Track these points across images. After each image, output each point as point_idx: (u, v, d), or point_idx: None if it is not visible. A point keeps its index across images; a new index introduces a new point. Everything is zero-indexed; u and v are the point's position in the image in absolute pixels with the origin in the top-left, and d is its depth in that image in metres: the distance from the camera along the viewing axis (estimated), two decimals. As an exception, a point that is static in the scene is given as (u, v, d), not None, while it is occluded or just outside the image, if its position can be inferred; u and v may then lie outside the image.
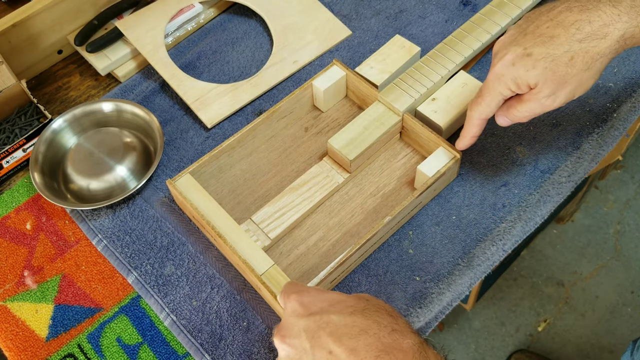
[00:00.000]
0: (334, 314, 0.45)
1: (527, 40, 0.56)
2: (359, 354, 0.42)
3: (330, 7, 0.89)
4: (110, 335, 0.67)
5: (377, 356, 0.42)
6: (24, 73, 0.85)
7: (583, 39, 0.53)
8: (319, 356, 0.43)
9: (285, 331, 0.46)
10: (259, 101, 0.81)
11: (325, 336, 0.44)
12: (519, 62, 0.55)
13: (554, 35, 0.54)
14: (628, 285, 1.54)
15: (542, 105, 0.58)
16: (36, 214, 0.75)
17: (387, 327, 0.44)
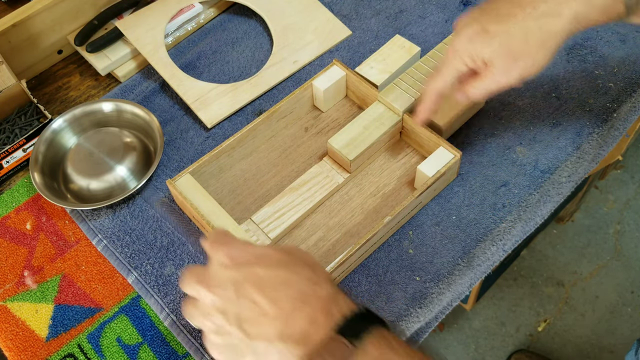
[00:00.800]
0: (259, 266, 0.48)
1: (485, 18, 0.58)
2: (279, 302, 0.46)
3: (330, 7, 0.89)
4: (110, 335, 0.67)
5: (295, 304, 0.46)
6: (24, 73, 0.85)
7: (538, 17, 0.55)
8: (243, 305, 0.46)
9: (211, 280, 0.48)
10: (259, 101, 0.81)
11: (249, 287, 0.46)
12: (476, 38, 0.58)
13: (510, 13, 0.56)
14: (628, 285, 1.54)
15: (496, 82, 0.59)
16: (36, 214, 0.75)
17: (306, 278, 0.47)
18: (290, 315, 0.45)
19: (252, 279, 0.47)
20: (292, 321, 0.45)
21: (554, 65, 0.80)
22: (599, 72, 0.79)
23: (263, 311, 0.46)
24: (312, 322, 0.45)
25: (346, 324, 0.45)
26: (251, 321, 0.46)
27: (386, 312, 0.65)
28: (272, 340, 0.45)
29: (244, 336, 0.46)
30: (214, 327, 0.48)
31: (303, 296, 0.46)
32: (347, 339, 0.44)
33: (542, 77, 0.80)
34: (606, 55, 0.81)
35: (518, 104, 0.78)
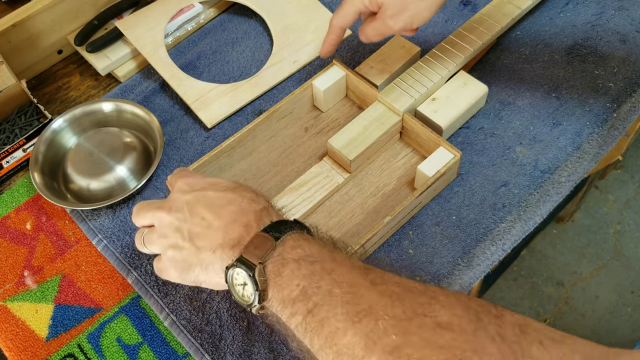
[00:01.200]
0: (210, 190, 0.55)
1: None
2: (222, 216, 0.53)
3: (330, 7, 0.89)
4: (110, 335, 0.67)
5: (235, 217, 0.53)
6: (24, 73, 0.85)
7: None
8: (194, 222, 0.54)
9: (171, 204, 0.56)
10: (259, 101, 0.81)
11: (200, 207, 0.54)
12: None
13: None
14: (628, 285, 1.54)
15: (386, 26, 0.67)
16: (36, 214, 0.75)
17: (249, 199, 0.54)
18: (229, 225, 0.52)
19: (204, 201, 0.54)
20: (230, 230, 0.52)
21: (554, 65, 0.81)
22: (599, 72, 0.79)
23: (209, 225, 0.53)
24: (246, 227, 0.52)
25: (272, 225, 0.51)
26: (200, 235, 0.53)
27: (386, 312, 0.65)
28: (215, 249, 0.52)
29: (195, 249, 0.53)
30: (171, 243, 0.55)
31: (242, 210, 0.53)
32: (269, 234, 0.50)
33: (542, 77, 0.80)
34: (606, 55, 0.81)
35: (518, 104, 0.78)
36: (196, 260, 0.53)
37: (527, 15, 0.85)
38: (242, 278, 0.50)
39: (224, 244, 0.52)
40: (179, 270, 0.55)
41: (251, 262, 0.49)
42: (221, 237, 0.52)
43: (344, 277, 0.46)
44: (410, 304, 0.43)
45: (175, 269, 0.55)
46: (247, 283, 0.49)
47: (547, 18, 0.85)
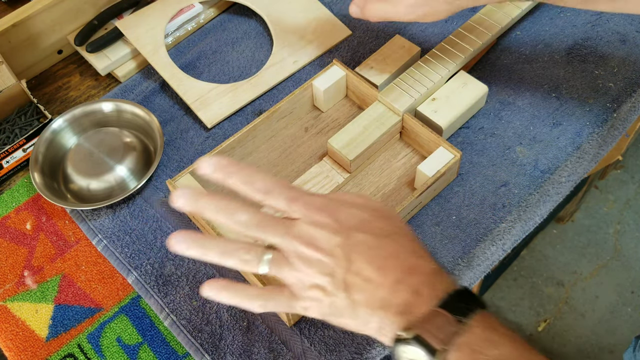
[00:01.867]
0: (365, 233, 0.48)
1: None
2: (385, 274, 0.46)
3: (330, 7, 0.89)
4: (110, 335, 0.67)
5: (400, 276, 0.47)
6: (24, 73, 0.85)
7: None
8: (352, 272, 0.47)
9: (319, 242, 0.47)
10: (259, 101, 0.81)
11: (357, 254, 0.47)
12: None
13: None
14: (628, 285, 1.54)
15: (397, 12, 0.64)
16: (36, 214, 0.75)
17: (412, 252, 0.48)
18: (394, 286, 0.46)
19: (360, 247, 0.47)
20: (396, 291, 0.46)
21: (554, 65, 0.81)
22: (599, 72, 0.79)
23: (369, 279, 0.47)
24: (416, 293, 0.46)
25: (449, 300, 0.46)
26: (357, 288, 0.47)
27: (386, 312, 0.65)
28: (374, 308, 0.47)
29: (350, 302, 0.47)
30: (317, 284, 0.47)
31: (409, 269, 0.47)
32: (452, 315, 0.44)
33: (542, 77, 0.80)
34: (606, 55, 0.81)
35: (518, 104, 0.78)
36: (349, 312, 0.47)
37: (527, 15, 0.85)
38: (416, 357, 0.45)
39: (386, 306, 0.46)
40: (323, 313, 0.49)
41: (432, 345, 0.44)
42: (384, 297, 0.46)
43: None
44: None
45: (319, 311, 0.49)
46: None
47: (547, 18, 0.85)
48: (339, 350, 0.63)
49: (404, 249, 0.48)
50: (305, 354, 0.63)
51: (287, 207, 0.49)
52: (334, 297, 0.47)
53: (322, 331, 0.64)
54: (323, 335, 0.64)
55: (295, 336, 0.64)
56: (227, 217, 0.48)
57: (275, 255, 0.49)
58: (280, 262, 0.48)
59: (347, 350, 0.63)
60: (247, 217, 0.48)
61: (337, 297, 0.47)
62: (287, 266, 0.48)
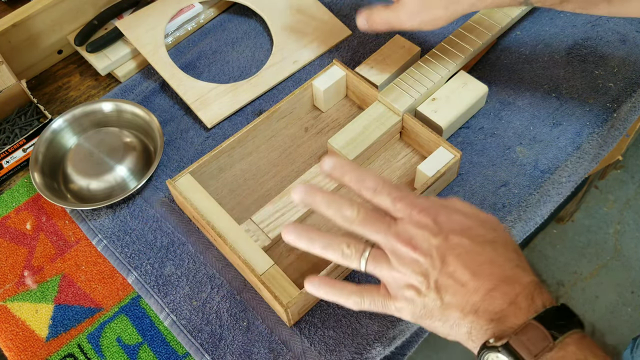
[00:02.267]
0: (464, 238, 0.48)
1: None
2: (481, 279, 0.46)
3: (330, 7, 0.89)
4: (110, 335, 0.67)
5: (497, 284, 0.46)
6: (24, 73, 0.85)
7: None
8: (445, 274, 0.47)
9: (417, 241, 0.48)
10: (259, 101, 0.81)
11: (453, 257, 0.47)
12: None
13: None
14: (628, 285, 1.54)
15: (399, 20, 0.66)
16: (36, 214, 0.75)
17: (512, 261, 0.48)
18: (490, 293, 0.46)
19: (457, 251, 0.48)
20: (491, 298, 0.46)
21: (554, 65, 0.81)
22: (599, 72, 0.79)
23: (463, 282, 0.47)
24: (512, 303, 0.46)
25: (546, 314, 0.45)
26: (450, 290, 0.47)
27: (386, 312, 0.65)
28: (466, 312, 0.47)
29: (441, 303, 0.47)
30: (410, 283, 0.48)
31: (507, 278, 0.47)
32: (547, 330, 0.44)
33: (542, 77, 0.80)
34: (606, 55, 0.81)
35: (518, 104, 0.78)
36: (439, 314, 0.48)
37: (527, 15, 0.85)
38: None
39: (480, 312, 0.46)
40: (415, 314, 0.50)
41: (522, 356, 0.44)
42: (477, 303, 0.46)
43: None
44: None
45: (411, 311, 0.49)
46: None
47: (547, 18, 0.85)
48: (339, 350, 0.63)
49: (503, 258, 0.48)
50: (305, 354, 0.63)
51: (391, 205, 0.50)
52: (426, 298, 0.48)
53: (322, 331, 0.64)
54: (323, 335, 0.64)
55: (295, 336, 0.64)
56: (335, 212, 0.50)
57: (374, 252, 0.50)
58: (379, 260, 0.50)
59: (347, 350, 0.63)
60: (352, 213, 0.50)
61: (429, 298, 0.48)
62: (385, 264, 0.49)
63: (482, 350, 0.46)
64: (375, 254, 0.50)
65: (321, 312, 0.65)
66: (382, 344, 0.63)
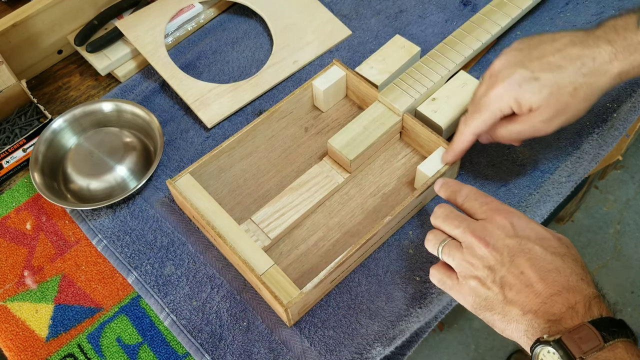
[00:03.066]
0: (538, 245, 0.52)
1: (535, 65, 0.59)
2: (546, 284, 0.50)
3: (330, 7, 0.89)
4: (110, 335, 0.67)
5: (560, 290, 0.49)
6: (24, 73, 0.85)
7: (586, 74, 0.58)
8: (512, 272, 0.51)
9: (490, 239, 0.53)
10: (259, 101, 0.81)
11: (523, 259, 0.51)
12: (526, 84, 0.59)
13: (561, 65, 0.58)
14: (628, 285, 1.54)
15: (534, 129, 0.61)
16: (36, 214, 0.75)
17: (577, 275, 0.51)
18: (552, 297, 0.49)
19: (529, 255, 0.51)
20: (552, 302, 0.49)
21: (554, 65, 0.80)
22: (599, 72, 0.79)
23: (529, 283, 0.50)
24: (571, 309, 0.48)
25: (601, 321, 0.47)
26: (514, 288, 0.51)
27: (386, 312, 0.65)
28: (526, 311, 0.50)
29: (503, 298, 0.51)
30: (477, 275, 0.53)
31: (570, 287, 0.50)
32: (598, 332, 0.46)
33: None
34: (606, 55, 0.81)
35: (518, 104, 0.78)
36: (500, 308, 0.52)
37: (527, 15, 0.85)
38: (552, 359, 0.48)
39: (539, 313, 0.50)
40: (476, 304, 0.54)
41: (572, 352, 0.46)
42: (538, 304, 0.50)
43: None
44: None
45: (473, 301, 0.54)
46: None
47: (547, 18, 0.85)
48: (339, 350, 0.63)
49: (570, 270, 0.51)
50: (305, 354, 0.63)
51: (478, 208, 0.56)
52: (489, 291, 0.52)
53: (322, 331, 0.64)
54: (323, 335, 0.64)
55: (295, 336, 0.64)
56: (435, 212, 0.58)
57: (450, 242, 0.56)
58: (453, 249, 0.55)
59: (347, 350, 0.63)
60: (441, 211, 0.57)
61: (492, 292, 0.52)
62: (458, 253, 0.54)
63: (535, 344, 0.48)
64: (451, 245, 0.55)
65: (321, 312, 0.65)
66: (382, 344, 0.63)
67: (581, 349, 0.46)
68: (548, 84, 0.58)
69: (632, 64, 0.58)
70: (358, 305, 0.65)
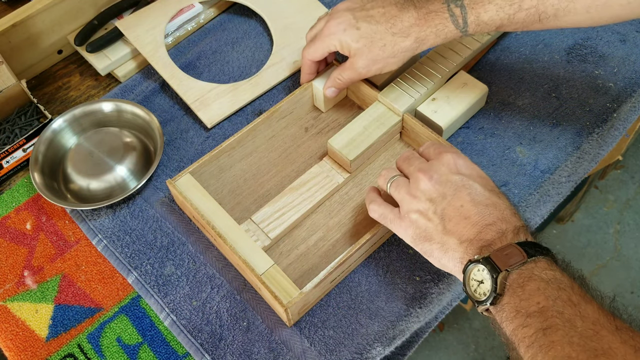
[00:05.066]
0: (477, 183, 0.57)
1: (361, 15, 0.68)
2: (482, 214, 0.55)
3: (330, 7, 0.89)
4: (110, 335, 0.67)
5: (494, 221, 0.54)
6: (24, 73, 0.85)
7: (395, 33, 0.66)
8: (453, 205, 0.56)
9: (433, 173, 0.58)
10: (259, 101, 0.81)
11: (464, 193, 0.56)
12: (349, 30, 0.68)
13: (378, 21, 0.67)
14: (628, 285, 1.54)
15: (359, 74, 0.70)
16: (36, 214, 0.75)
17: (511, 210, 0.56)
18: (487, 227, 0.54)
19: (469, 190, 0.56)
20: (486, 231, 0.54)
21: (554, 65, 0.81)
22: (599, 72, 0.79)
23: (467, 215, 0.55)
24: (502, 234, 0.53)
25: (528, 243, 0.52)
26: (453, 220, 0.56)
27: (386, 312, 0.65)
28: (463, 240, 0.55)
29: (442, 229, 0.56)
30: (419, 208, 0.58)
31: (504, 218, 0.55)
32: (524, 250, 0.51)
33: (542, 77, 0.80)
34: (606, 55, 0.81)
35: (518, 104, 0.78)
36: (438, 238, 0.56)
37: (527, 15, 0.85)
38: (481, 276, 0.52)
39: (474, 241, 0.54)
40: (416, 235, 0.58)
41: (498, 265, 0.51)
42: (474, 233, 0.54)
43: (588, 313, 0.47)
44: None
45: (413, 232, 0.58)
46: (484, 282, 0.52)
47: (547, 18, 0.85)
48: (339, 350, 0.63)
49: (504, 205, 0.56)
50: (305, 354, 0.63)
51: (432, 152, 0.61)
52: (429, 222, 0.57)
53: (322, 331, 0.64)
54: (323, 335, 0.64)
55: (295, 336, 0.64)
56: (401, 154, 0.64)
57: (399, 179, 0.61)
58: (400, 185, 0.60)
59: (347, 350, 0.63)
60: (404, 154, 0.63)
61: (432, 223, 0.57)
62: (404, 188, 0.59)
63: (467, 264, 0.53)
64: (399, 181, 0.61)
65: (321, 312, 0.65)
66: (382, 344, 0.63)
67: (507, 263, 0.51)
68: (365, 35, 0.67)
69: (426, 32, 0.65)
70: (358, 305, 0.65)
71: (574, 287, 0.49)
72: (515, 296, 0.50)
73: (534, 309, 0.48)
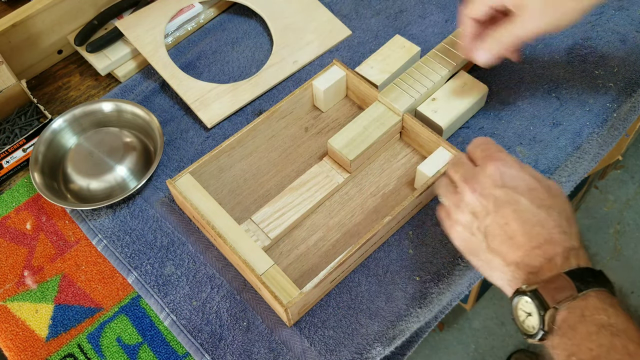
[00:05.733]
0: (524, 197, 0.53)
1: None
2: (528, 235, 0.52)
3: (330, 7, 0.89)
4: (110, 335, 0.67)
5: (542, 243, 0.51)
6: (24, 73, 0.85)
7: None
8: (497, 222, 0.53)
9: (478, 186, 0.55)
10: (259, 101, 0.81)
11: (509, 210, 0.53)
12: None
13: None
14: (628, 285, 1.54)
15: (525, 29, 0.61)
16: (36, 214, 0.75)
17: (560, 227, 0.52)
18: (533, 250, 0.51)
19: (514, 206, 0.53)
20: (533, 255, 0.51)
21: (554, 65, 0.81)
22: (599, 72, 0.79)
23: (512, 235, 0.52)
24: (550, 260, 0.50)
25: (578, 271, 0.49)
26: (497, 238, 0.53)
27: (386, 312, 0.65)
28: (508, 262, 0.52)
29: (486, 247, 0.54)
30: (463, 220, 0.56)
31: (552, 240, 0.51)
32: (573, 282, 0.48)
33: (542, 77, 0.80)
34: (606, 55, 0.81)
35: (518, 104, 0.78)
36: (483, 256, 0.54)
37: (527, 15, 0.85)
38: (529, 308, 0.50)
39: (520, 265, 0.52)
40: (462, 248, 0.57)
41: (546, 301, 0.49)
42: (520, 257, 0.52)
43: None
44: None
45: (459, 244, 0.57)
46: (532, 315, 0.50)
47: (547, 18, 0.85)
48: (339, 350, 0.63)
49: (553, 223, 0.52)
50: (305, 354, 0.63)
51: (478, 155, 0.58)
52: (474, 237, 0.55)
53: (322, 331, 0.64)
54: (323, 335, 0.64)
55: (295, 336, 0.64)
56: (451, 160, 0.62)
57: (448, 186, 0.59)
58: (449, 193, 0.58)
59: (347, 350, 0.63)
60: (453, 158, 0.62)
61: (476, 238, 0.55)
62: (452, 197, 0.58)
63: (514, 295, 0.51)
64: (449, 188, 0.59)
65: (321, 312, 0.65)
66: (382, 344, 0.63)
67: (555, 298, 0.48)
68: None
69: None
70: (358, 305, 0.65)
71: (628, 330, 0.46)
72: (565, 338, 0.47)
73: (587, 357, 0.46)
